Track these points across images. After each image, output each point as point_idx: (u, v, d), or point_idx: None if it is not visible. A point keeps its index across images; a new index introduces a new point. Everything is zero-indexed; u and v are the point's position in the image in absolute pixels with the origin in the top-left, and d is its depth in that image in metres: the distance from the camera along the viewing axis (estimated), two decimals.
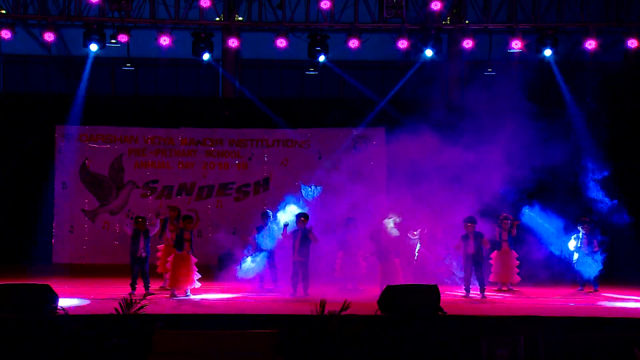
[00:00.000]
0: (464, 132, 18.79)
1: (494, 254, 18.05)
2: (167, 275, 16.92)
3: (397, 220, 17.18)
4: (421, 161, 18.44)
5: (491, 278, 17.98)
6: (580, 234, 17.94)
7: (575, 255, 17.95)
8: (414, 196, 18.24)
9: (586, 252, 17.83)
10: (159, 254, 18.01)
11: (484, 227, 17.45)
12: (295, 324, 12.81)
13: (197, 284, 16.64)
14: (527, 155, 18.19)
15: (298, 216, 17.38)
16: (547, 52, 20.36)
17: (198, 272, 16.67)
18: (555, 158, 18.46)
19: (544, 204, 18.71)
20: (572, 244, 18.00)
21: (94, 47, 20.16)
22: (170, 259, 16.61)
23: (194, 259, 16.62)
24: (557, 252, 18.41)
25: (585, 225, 17.96)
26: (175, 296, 16.34)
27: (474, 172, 18.18)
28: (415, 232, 17.71)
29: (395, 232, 17.05)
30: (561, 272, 18.64)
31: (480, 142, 18.36)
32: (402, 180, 18.70)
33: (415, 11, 20.66)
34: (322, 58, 20.73)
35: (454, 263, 18.10)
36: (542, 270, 18.39)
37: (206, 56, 20.69)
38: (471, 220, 17.03)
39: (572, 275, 18.32)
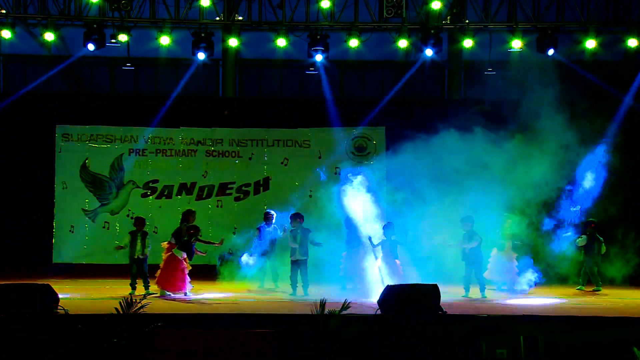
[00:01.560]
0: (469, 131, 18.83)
1: (493, 252, 18.03)
2: (156, 274, 16.90)
3: None
4: (422, 161, 18.47)
5: (486, 275, 17.96)
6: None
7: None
8: (414, 196, 18.30)
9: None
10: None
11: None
12: (295, 324, 12.80)
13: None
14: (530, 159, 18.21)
15: (293, 217, 17.37)
16: (551, 52, 20.34)
17: (190, 273, 16.72)
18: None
19: None
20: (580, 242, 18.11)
21: (95, 47, 20.18)
22: (164, 257, 16.62)
23: (184, 261, 16.61)
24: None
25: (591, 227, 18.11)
26: (164, 294, 16.34)
27: (479, 172, 18.19)
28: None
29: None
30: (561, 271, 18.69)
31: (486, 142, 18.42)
32: (402, 180, 18.74)
33: (415, 11, 20.65)
34: (319, 57, 20.71)
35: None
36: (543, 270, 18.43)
37: (202, 55, 20.68)
38: (470, 219, 17.05)
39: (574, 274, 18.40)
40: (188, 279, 16.63)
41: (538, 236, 18.43)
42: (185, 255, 16.56)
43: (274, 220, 18.40)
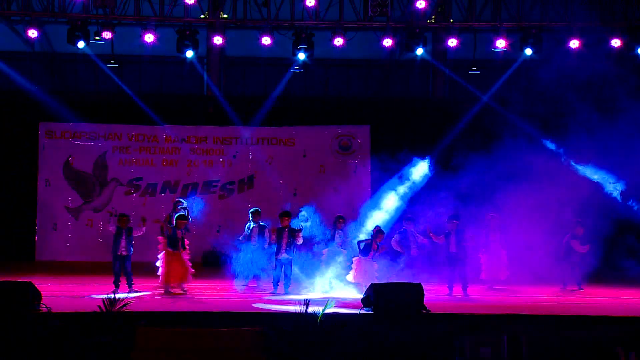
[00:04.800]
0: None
1: (482, 252, 18.03)
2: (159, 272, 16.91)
3: None
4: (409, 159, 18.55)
5: (482, 276, 17.97)
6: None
7: None
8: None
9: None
10: (160, 246, 18.04)
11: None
12: (279, 322, 12.81)
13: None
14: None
15: (282, 215, 17.34)
16: (528, 51, 20.44)
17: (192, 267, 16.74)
18: None
19: None
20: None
21: (80, 44, 20.12)
22: (162, 256, 16.60)
23: (186, 255, 16.63)
24: None
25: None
26: (170, 293, 16.34)
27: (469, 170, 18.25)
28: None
29: None
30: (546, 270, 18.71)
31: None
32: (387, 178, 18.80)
33: (400, 9, 20.68)
34: (302, 56, 20.72)
35: None
36: (528, 269, 18.44)
37: (190, 53, 20.66)
38: (454, 217, 17.08)
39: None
40: (190, 271, 16.67)
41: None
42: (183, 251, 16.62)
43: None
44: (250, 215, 18.09)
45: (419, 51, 20.54)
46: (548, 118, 19.56)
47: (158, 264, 16.73)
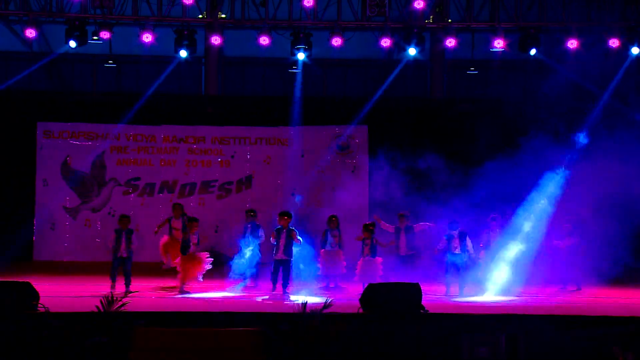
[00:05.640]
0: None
1: (482, 254, 18.01)
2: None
3: None
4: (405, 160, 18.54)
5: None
6: None
7: None
8: (396, 193, 18.36)
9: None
10: (160, 249, 18.04)
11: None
12: (277, 322, 12.81)
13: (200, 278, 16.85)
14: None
15: (281, 215, 17.33)
16: (532, 52, 20.46)
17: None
18: None
19: None
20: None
21: (71, 43, 20.11)
22: (178, 260, 16.66)
23: (202, 255, 16.72)
24: None
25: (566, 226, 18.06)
26: (185, 292, 16.41)
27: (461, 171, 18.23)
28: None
29: None
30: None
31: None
32: (385, 178, 18.79)
33: (398, 9, 20.70)
34: (301, 56, 20.72)
35: None
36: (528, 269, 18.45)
37: (184, 53, 20.63)
38: (456, 224, 17.08)
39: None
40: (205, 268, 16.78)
41: None
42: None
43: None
44: (245, 214, 18.17)
45: (412, 51, 20.55)
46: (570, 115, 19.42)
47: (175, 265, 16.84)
